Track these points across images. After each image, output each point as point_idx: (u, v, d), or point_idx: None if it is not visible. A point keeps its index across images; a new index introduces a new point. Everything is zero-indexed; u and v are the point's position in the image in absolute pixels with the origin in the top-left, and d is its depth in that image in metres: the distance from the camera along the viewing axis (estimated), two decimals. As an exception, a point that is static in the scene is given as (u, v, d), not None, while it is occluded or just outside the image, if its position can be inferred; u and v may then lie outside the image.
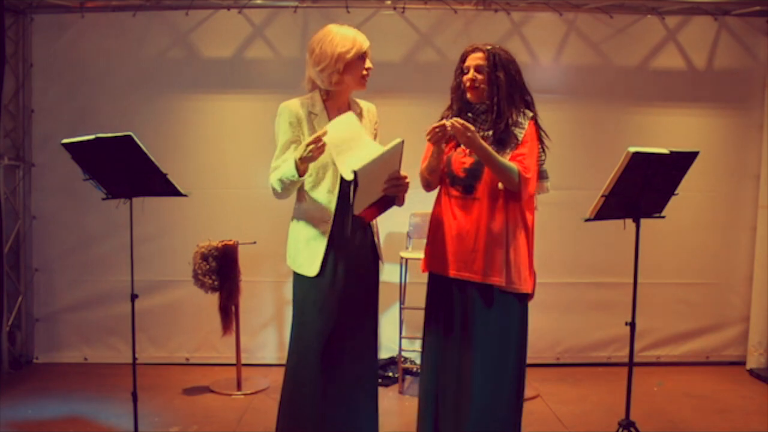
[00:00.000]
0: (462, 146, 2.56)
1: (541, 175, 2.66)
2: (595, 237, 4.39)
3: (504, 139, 2.54)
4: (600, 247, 4.48)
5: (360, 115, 2.65)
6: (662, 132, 4.49)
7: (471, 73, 2.57)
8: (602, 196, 2.77)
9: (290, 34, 4.42)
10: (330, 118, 2.56)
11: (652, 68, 4.54)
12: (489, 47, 2.57)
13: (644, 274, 3.18)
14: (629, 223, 2.93)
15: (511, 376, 2.56)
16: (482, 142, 2.47)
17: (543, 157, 2.65)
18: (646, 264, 3.26)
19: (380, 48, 4.67)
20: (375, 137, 2.68)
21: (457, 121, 2.43)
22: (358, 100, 2.71)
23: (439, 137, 2.51)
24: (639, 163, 2.69)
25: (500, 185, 2.53)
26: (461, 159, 2.59)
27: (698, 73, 4.56)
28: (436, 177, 2.66)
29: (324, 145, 2.38)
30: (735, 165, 4.62)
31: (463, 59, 2.63)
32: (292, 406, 2.61)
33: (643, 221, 2.94)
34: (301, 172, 2.44)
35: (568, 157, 4.51)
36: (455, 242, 2.56)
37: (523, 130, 2.56)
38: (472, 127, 2.45)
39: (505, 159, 2.51)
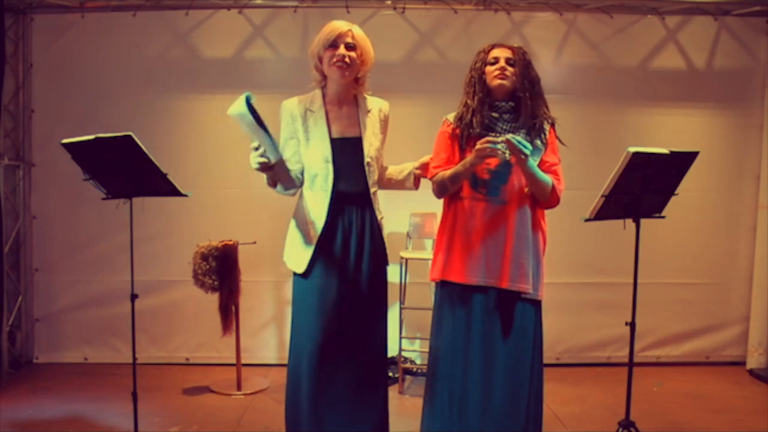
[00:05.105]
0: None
1: None
2: (595, 237, 4.39)
3: (531, 141, 2.45)
4: (600, 247, 4.47)
5: (369, 112, 2.63)
6: (662, 132, 4.49)
7: (501, 63, 2.45)
8: (602, 196, 2.76)
9: (290, 34, 4.42)
10: (328, 116, 2.56)
11: (652, 68, 4.54)
12: (516, 46, 2.47)
13: (644, 274, 3.18)
14: (629, 223, 2.93)
15: (531, 383, 2.53)
16: (532, 162, 2.41)
17: None
18: (646, 264, 3.26)
19: (380, 48, 4.63)
20: (383, 134, 2.66)
21: (515, 139, 2.33)
22: (369, 97, 2.68)
23: (488, 153, 2.34)
24: (639, 163, 2.68)
25: (526, 190, 2.50)
26: (485, 160, 2.48)
27: (698, 73, 4.56)
28: (459, 186, 2.50)
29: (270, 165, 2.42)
30: (735, 165, 4.62)
31: (486, 52, 2.51)
32: (292, 407, 2.62)
33: (643, 221, 2.93)
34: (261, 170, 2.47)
35: (568, 157, 4.41)
36: (480, 247, 2.47)
37: (546, 135, 2.52)
38: (527, 151, 2.35)
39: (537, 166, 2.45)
